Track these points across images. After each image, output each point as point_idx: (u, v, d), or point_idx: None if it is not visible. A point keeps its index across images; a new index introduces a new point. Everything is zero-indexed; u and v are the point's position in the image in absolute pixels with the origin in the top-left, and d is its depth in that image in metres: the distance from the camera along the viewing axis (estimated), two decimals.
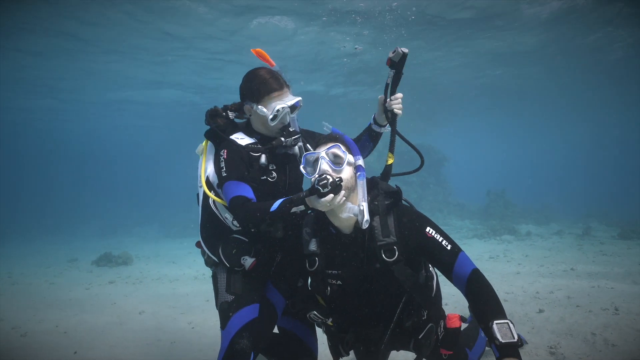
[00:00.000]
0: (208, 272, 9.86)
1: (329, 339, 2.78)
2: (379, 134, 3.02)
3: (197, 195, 3.04)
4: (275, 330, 3.10)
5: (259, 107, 2.72)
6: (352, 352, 2.95)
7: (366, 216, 2.29)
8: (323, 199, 2.20)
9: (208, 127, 2.94)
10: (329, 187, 2.18)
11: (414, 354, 2.68)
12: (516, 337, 2.03)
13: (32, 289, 8.68)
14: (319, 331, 3.07)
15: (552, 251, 10.57)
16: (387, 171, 2.68)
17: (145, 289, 8.41)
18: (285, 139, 2.75)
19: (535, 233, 14.22)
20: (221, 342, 2.70)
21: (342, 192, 2.26)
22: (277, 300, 2.95)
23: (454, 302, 6.00)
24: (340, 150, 2.37)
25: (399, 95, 2.74)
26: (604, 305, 5.35)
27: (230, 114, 2.95)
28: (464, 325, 3.57)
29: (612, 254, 9.50)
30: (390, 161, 2.68)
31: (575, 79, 18.48)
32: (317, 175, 2.27)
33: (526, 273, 7.93)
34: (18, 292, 8.28)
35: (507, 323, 2.09)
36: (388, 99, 2.76)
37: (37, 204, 36.97)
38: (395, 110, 2.73)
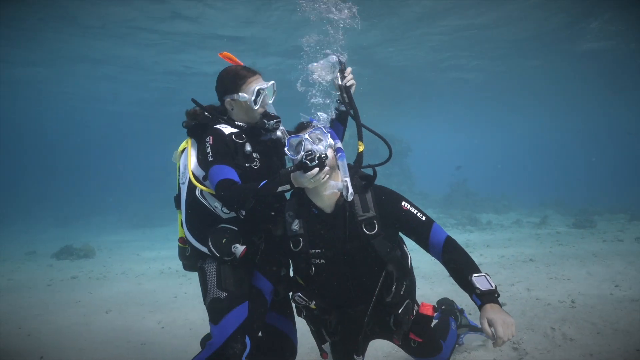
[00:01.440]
0: (175, 265, 9.74)
1: (312, 324, 2.88)
2: (345, 113, 3.12)
3: (176, 197, 3.06)
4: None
5: (240, 94, 2.86)
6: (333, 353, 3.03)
7: (350, 189, 2.46)
8: (309, 173, 2.34)
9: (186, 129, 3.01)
10: (316, 161, 2.34)
11: (391, 343, 2.81)
12: (494, 285, 2.28)
13: None
14: (302, 329, 3.17)
15: (512, 241, 11.03)
16: (359, 158, 2.87)
17: (110, 285, 8.22)
18: (267, 121, 2.89)
19: (495, 222, 14.76)
20: (213, 336, 2.72)
21: (327, 168, 2.40)
22: (265, 286, 3.02)
23: (422, 300, 6.17)
24: (321, 133, 2.53)
25: (349, 69, 2.97)
26: (561, 297, 5.65)
27: (207, 114, 3.01)
28: (434, 322, 3.71)
29: (567, 244, 9.99)
30: (360, 149, 2.86)
31: (536, 69, 18.69)
32: (303, 152, 2.41)
33: (488, 264, 8.24)
34: None
35: (484, 276, 2.35)
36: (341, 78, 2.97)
37: None
38: (349, 83, 2.94)
